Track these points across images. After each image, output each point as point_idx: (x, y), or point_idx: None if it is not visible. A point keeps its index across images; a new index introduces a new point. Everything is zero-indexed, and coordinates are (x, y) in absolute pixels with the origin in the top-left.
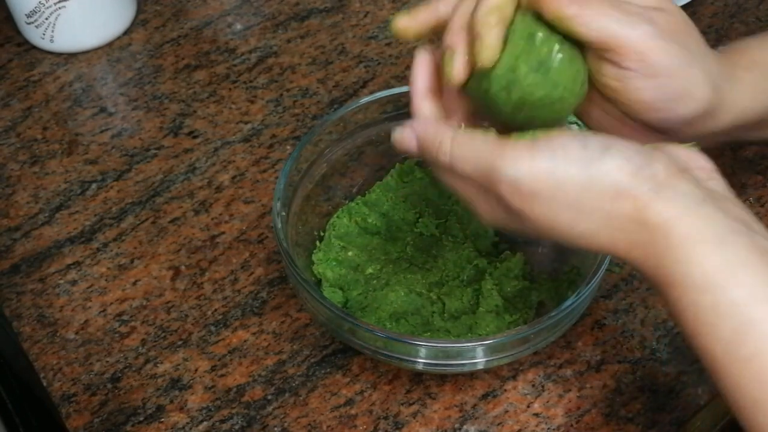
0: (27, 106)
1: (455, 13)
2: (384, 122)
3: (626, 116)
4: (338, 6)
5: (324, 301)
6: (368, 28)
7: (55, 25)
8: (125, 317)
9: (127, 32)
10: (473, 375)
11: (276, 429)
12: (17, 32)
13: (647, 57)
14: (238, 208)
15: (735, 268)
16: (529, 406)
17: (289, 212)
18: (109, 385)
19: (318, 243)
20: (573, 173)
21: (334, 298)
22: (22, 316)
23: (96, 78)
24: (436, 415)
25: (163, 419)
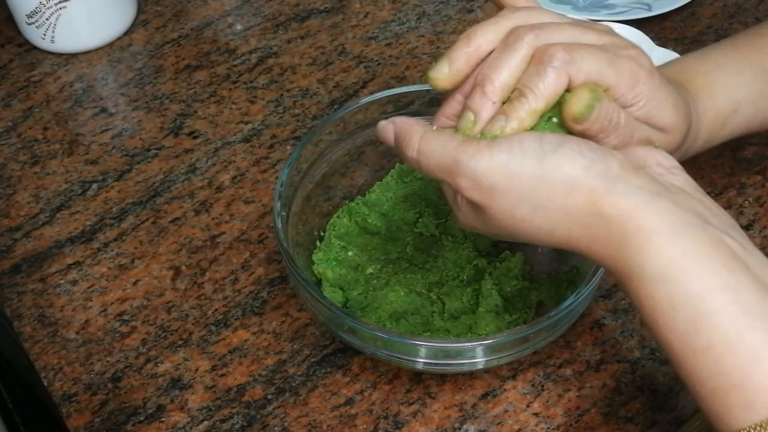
0: (28, 107)
1: (492, 72)
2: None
3: None
4: (338, 7)
5: (324, 301)
6: (368, 29)
7: (55, 25)
8: (126, 317)
9: (128, 33)
10: (473, 375)
11: (276, 428)
12: (18, 33)
13: (677, 135)
14: (238, 208)
15: (689, 260)
16: (528, 406)
17: (290, 212)
18: (110, 385)
19: (318, 243)
20: (527, 165)
21: (334, 298)
22: (22, 316)
23: (97, 78)
24: (436, 414)
25: (163, 419)
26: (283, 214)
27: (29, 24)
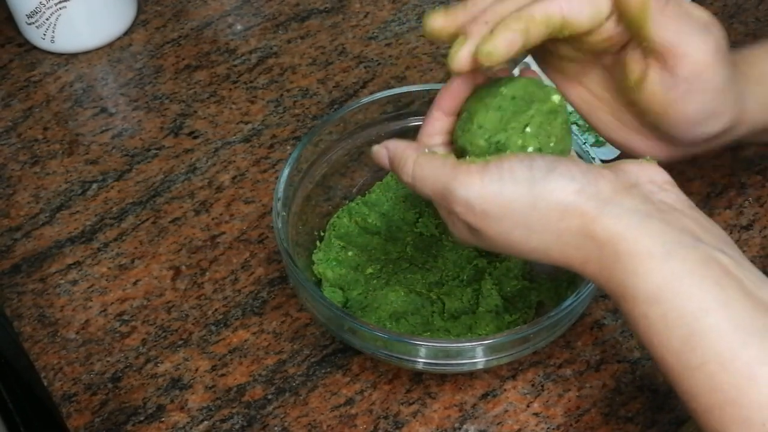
0: (28, 107)
1: (489, 7)
2: (384, 122)
3: (647, 126)
4: (338, 6)
5: (324, 301)
6: (368, 29)
7: (55, 25)
8: (126, 317)
9: (128, 33)
10: (473, 375)
11: (276, 428)
12: (18, 33)
13: (704, 72)
14: (238, 208)
15: (681, 279)
16: (528, 406)
17: (290, 212)
18: (110, 385)
19: (318, 243)
20: (519, 194)
21: (334, 298)
22: (22, 316)
23: (96, 78)
24: (436, 414)
25: (163, 419)
26: (283, 214)
27: (29, 24)
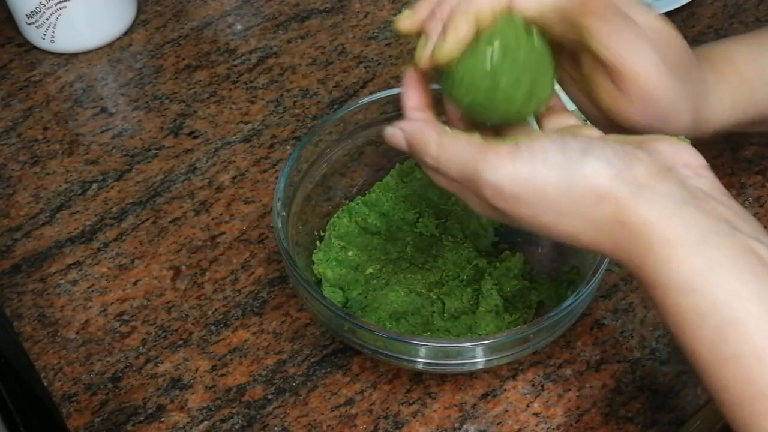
0: (28, 107)
1: (443, 3)
2: (384, 122)
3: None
4: (338, 6)
5: (324, 301)
6: (368, 29)
7: (55, 25)
8: (126, 317)
9: (128, 33)
10: (473, 375)
11: (276, 428)
12: (18, 33)
13: (646, 87)
14: (238, 208)
15: (716, 269)
16: (528, 406)
17: (290, 212)
18: (110, 385)
19: (318, 243)
20: (552, 178)
21: (334, 298)
22: (22, 316)
23: (96, 78)
24: (436, 414)
25: (163, 419)
26: (283, 214)
27: (29, 24)
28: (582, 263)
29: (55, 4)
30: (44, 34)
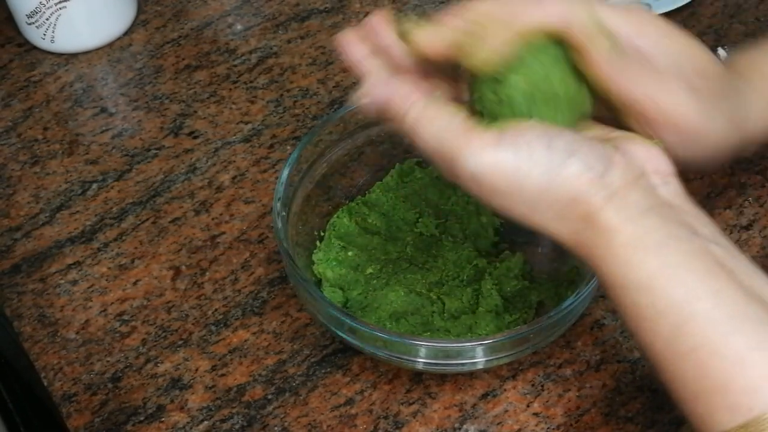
0: (28, 107)
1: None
2: (384, 122)
3: None
4: (338, 6)
5: (324, 300)
6: None
7: (55, 25)
8: (126, 317)
9: (128, 33)
10: (473, 375)
11: (276, 428)
12: (18, 33)
13: (680, 126)
14: (238, 208)
15: (673, 269)
16: (528, 406)
17: (290, 212)
18: (110, 385)
19: (318, 243)
20: (534, 176)
21: (334, 298)
22: (22, 316)
23: (96, 78)
24: (436, 414)
25: (163, 419)
26: (283, 214)
27: (29, 24)
28: (582, 263)
29: (55, 4)
30: (44, 34)
